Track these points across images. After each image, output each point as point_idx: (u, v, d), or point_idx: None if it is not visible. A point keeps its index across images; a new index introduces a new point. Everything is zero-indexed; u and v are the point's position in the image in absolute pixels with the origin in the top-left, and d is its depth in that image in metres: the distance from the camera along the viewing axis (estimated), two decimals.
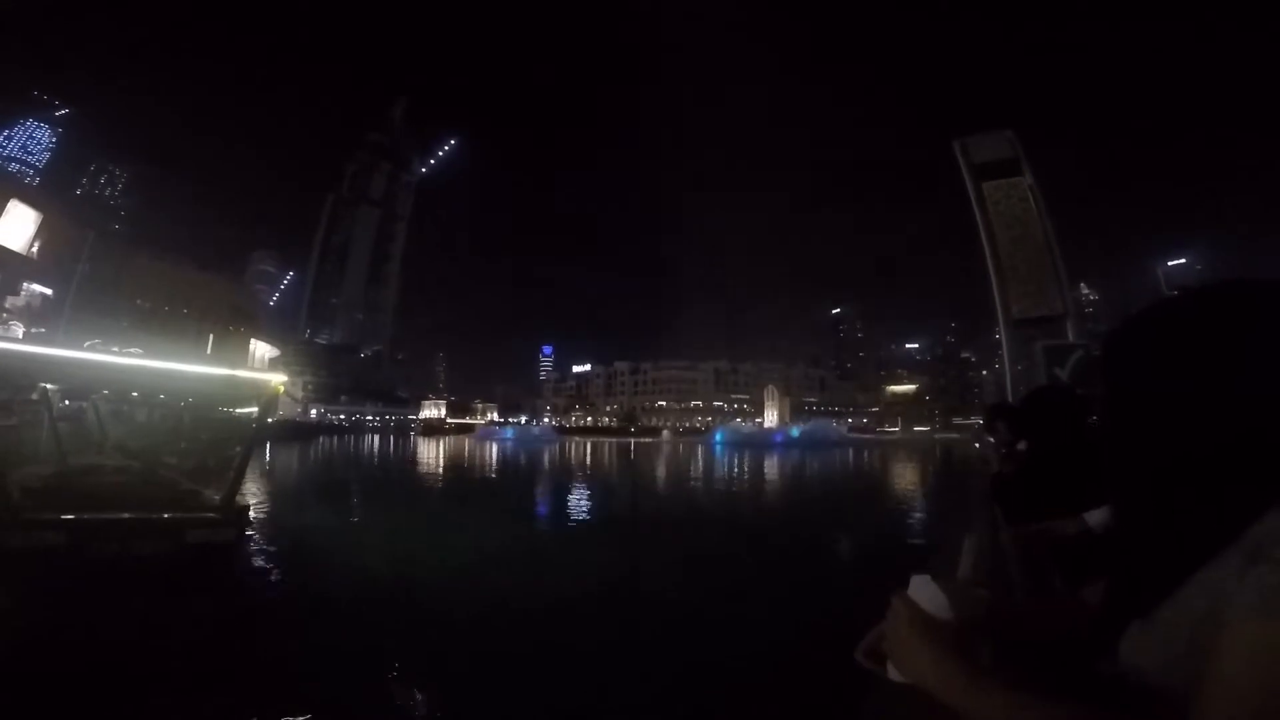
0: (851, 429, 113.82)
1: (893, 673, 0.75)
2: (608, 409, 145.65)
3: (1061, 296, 16.76)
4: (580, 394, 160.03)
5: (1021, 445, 3.97)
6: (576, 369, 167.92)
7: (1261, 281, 0.63)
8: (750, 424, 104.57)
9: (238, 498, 10.29)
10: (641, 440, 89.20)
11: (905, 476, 31.71)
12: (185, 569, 7.89)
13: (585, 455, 49.68)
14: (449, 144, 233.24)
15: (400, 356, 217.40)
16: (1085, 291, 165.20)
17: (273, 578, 9.25)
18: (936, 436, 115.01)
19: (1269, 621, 0.52)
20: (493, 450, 54.81)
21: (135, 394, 13.10)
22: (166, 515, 8.94)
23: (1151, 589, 0.65)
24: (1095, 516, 2.09)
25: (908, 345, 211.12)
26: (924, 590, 0.76)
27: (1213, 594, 0.58)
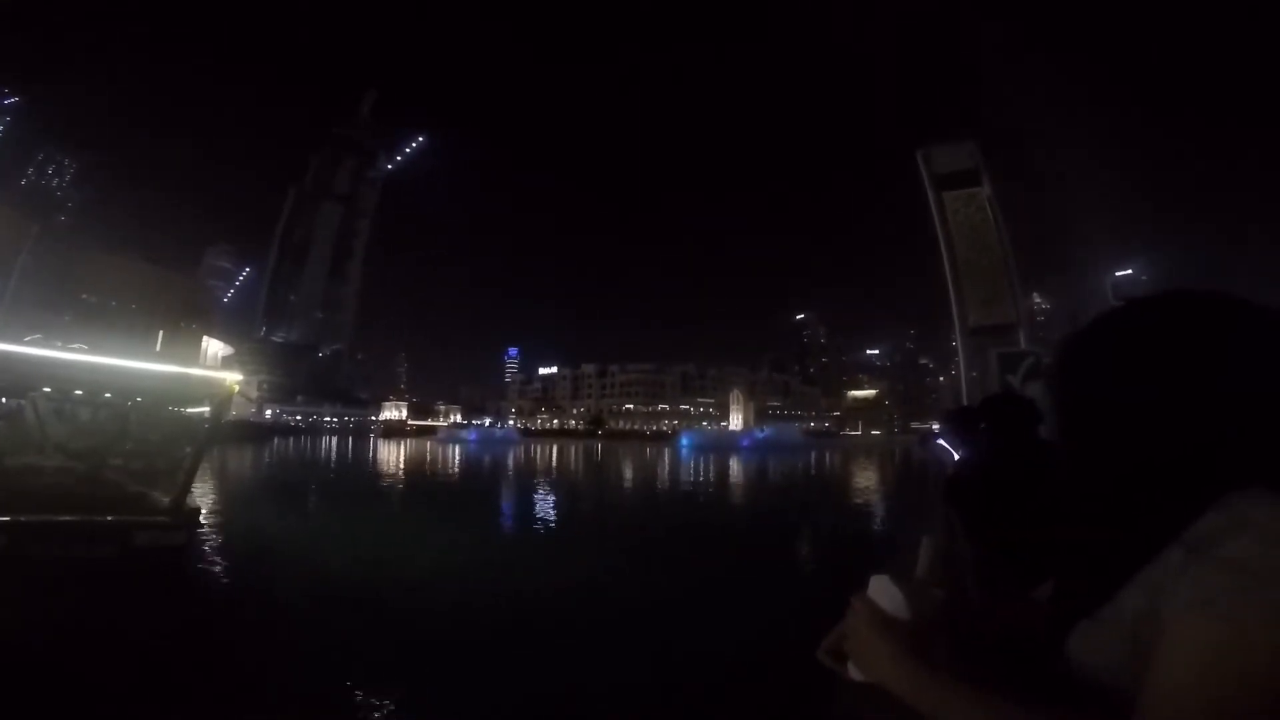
0: (812, 432, 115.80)
1: (854, 671, 0.77)
2: (574, 412, 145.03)
3: (1015, 305, 17.41)
4: (546, 396, 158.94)
5: (963, 453, 4.12)
6: (543, 371, 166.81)
7: (1200, 292, 0.67)
8: (716, 427, 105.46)
9: (188, 500, 9.93)
10: (609, 443, 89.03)
11: (864, 478, 32.49)
12: (131, 572, 7.60)
13: (550, 457, 49.37)
14: (417, 141, 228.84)
15: (360, 357, 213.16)
16: (1038, 300, 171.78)
17: (224, 581, 8.99)
18: (896, 439, 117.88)
19: (1204, 618, 0.54)
20: (454, 453, 54.03)
21: (79, 392, 12.48)
22: (111, 518, 8.56)
23: (1096, 588, 0.67)
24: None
25: (869, 351, 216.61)
26: (883, 590, 0.78)
27: (1153, 592, 0.60)
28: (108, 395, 12.59)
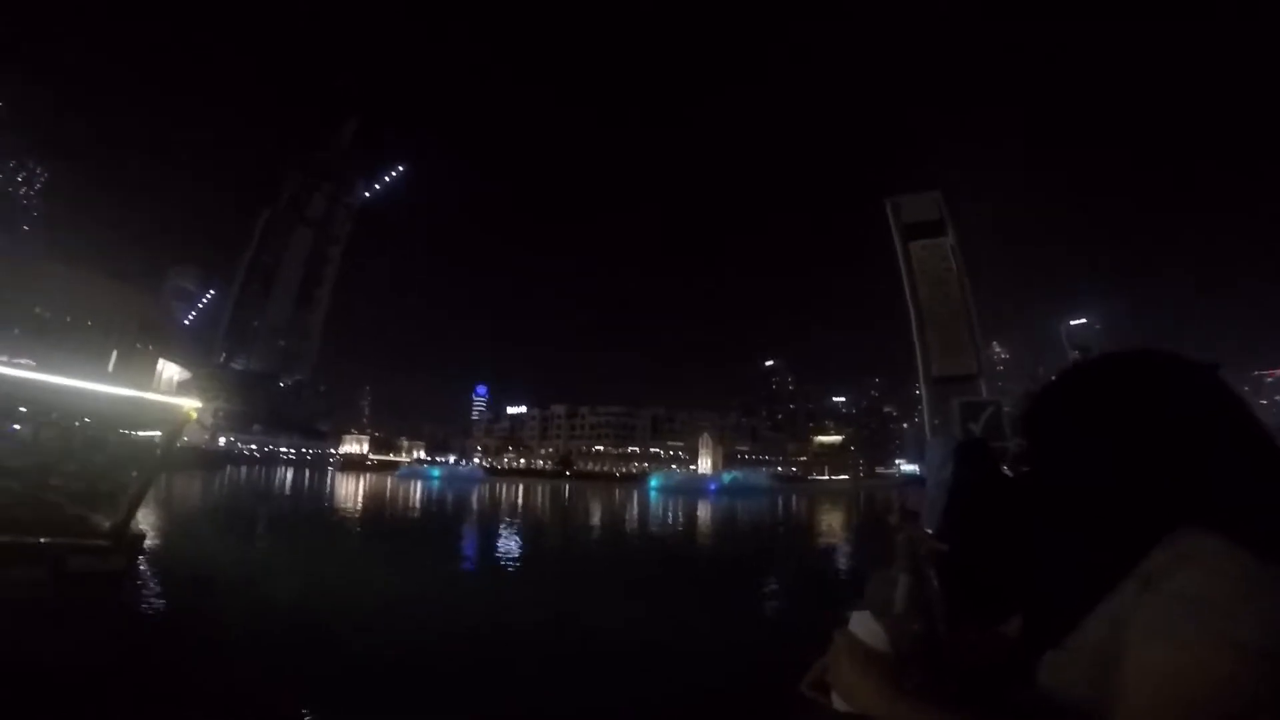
0: (779, 477, 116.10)
1: (837, 702, 0.81)
2: (543, 452, 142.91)
3: (976, 355, 17.89)
4: (514, 436, 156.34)
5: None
6: (511, 410, 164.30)
7: (1143, 351, 0.78)
8: (685, 471, 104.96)
9: (132, 525, 9.44)
10: (577, 484, 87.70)
11: (833, 520, 32.60)
12: (63, 596, 7.18)
13: (515, 497, 48.35)
14: (396, 170, 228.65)
15: (323, 388, 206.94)
16: (997, 350, 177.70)
17: (162, 609, 8.58)
18: (861, 484, 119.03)
19: (1157, 647, 0.59)
20: (414, 489, 52.58)
21: (23, 409, 11.92)
22: (44, 539, 8.09)
23: (1061, 619, 0.73)
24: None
25: (835, 399, 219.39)
26: (863, 625, 0.83)
27: (1113, 622, 0.66)
28: (54, 415, 12.05)
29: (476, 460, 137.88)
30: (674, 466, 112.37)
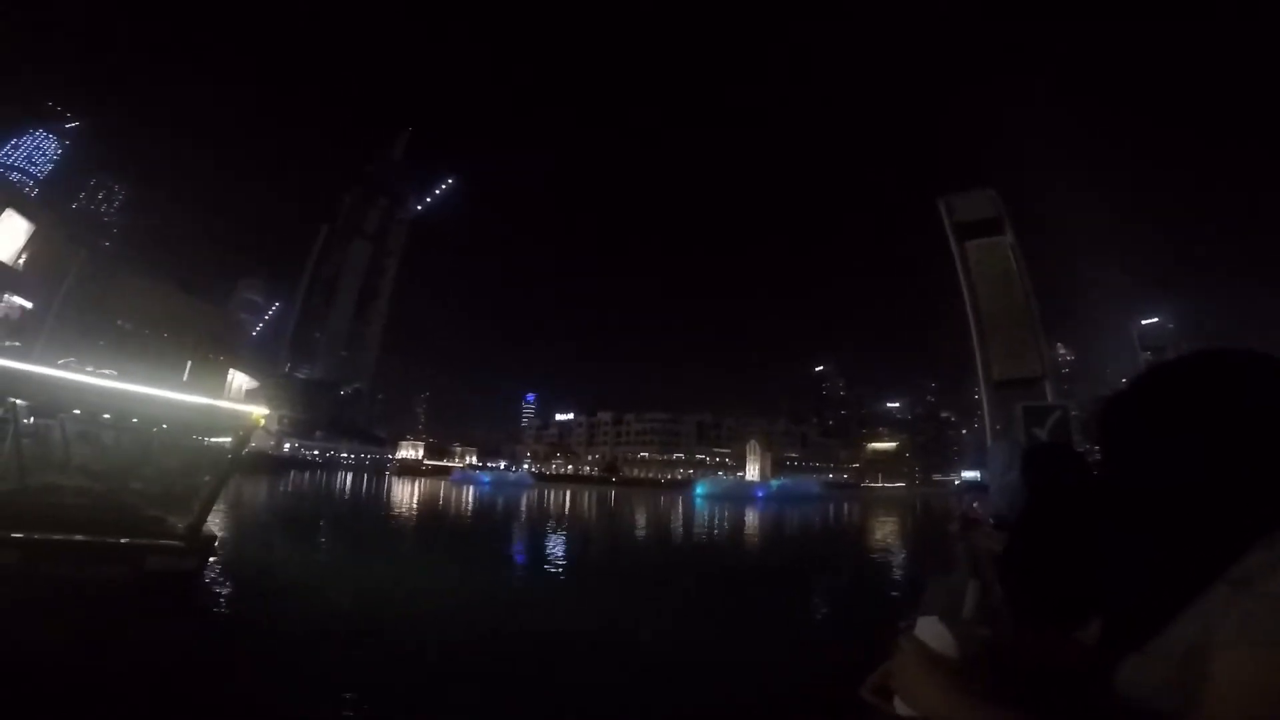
0: (831, 484, 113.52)
1: (900, 708, 0.81)
2: (589, 458, 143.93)
3: (1040, 358, 17.04)
4: (562, 442, 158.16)
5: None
6: (559, 417, 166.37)
7: (1231, 350, 0.75)
8: (732, 477, 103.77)
9: (205, 527, 9.92)
10: (622, 489, 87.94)
11: (888, 528, 31.56)
12: (143, 594, 7.57)
13: (563, 502, 48.80)
14: (447, 183, 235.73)
15: (381, 396, 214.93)
16: (1062, 352, 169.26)
17: (234, 608, 8.92)
18: (917, 491, 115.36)
19: (1252, 650, 0.57)
20: (466, 493, 53.73)
21: (107, 416, 12.70)
22: (125, 540, 8.56)
23: (1145, 622, 0.72)
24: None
25: (888, 404, 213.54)
26: (930, 630, 0.83)
27: (1201, 626, 0.64)
28: (134, 421, 12.82)
29: (526, 466, 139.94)
30: (721, 473, 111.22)
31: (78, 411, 12.53)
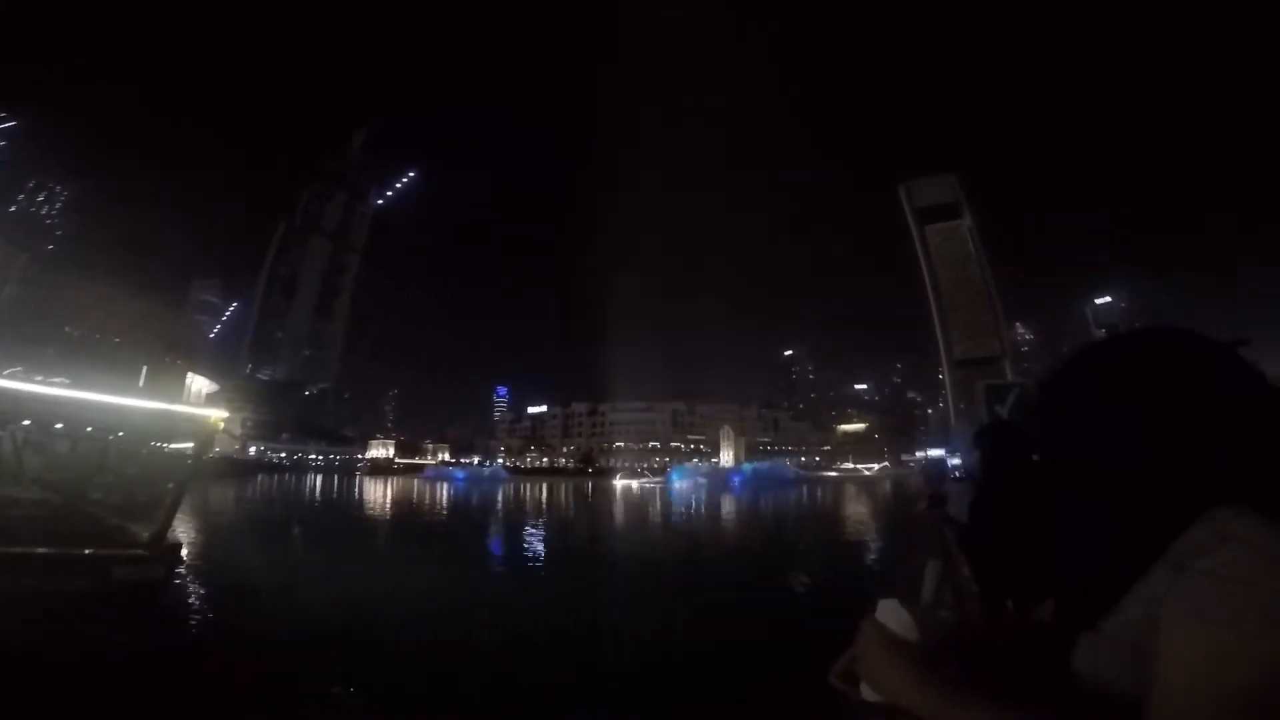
0: (804, 466, 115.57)
1: (866, 692, 0.80)
2: (564, 450, 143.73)
3: (999, 337, 17.61)
4: (535, 435, 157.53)
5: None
6: (532, 410, 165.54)
7: (1173, 328, 0.76)
8: (707, 464, 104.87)
9: (169, 535, 9.68)
10: (599, 481, 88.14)
11: (859, 509, 32.31)
12: (112, 605, 7.39)
13: (539, 496, 48.71)
14: (407, 176, 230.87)
15: (347, 395, 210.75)
16: (1021, 332, 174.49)
17: (203, 616, 8.76)
18: (888, 471, 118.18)
19: (1194, 628, 0.59)
20: (441, 491, 53.23)
21: (59, 426, 12.26)
22: (89, 551, 8.33)
23: (1095, 603, 0.72)
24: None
25: (856, 386, 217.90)
26: (892, 614, 0.82)
27: (1147, 604, 0.65)
28: (89, 430, 12.40)
29: (500, 461, 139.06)
30: (696, 460, 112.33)
31: (28, 422, 12.11)
